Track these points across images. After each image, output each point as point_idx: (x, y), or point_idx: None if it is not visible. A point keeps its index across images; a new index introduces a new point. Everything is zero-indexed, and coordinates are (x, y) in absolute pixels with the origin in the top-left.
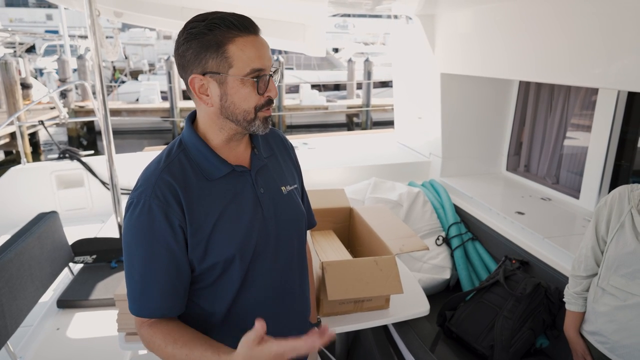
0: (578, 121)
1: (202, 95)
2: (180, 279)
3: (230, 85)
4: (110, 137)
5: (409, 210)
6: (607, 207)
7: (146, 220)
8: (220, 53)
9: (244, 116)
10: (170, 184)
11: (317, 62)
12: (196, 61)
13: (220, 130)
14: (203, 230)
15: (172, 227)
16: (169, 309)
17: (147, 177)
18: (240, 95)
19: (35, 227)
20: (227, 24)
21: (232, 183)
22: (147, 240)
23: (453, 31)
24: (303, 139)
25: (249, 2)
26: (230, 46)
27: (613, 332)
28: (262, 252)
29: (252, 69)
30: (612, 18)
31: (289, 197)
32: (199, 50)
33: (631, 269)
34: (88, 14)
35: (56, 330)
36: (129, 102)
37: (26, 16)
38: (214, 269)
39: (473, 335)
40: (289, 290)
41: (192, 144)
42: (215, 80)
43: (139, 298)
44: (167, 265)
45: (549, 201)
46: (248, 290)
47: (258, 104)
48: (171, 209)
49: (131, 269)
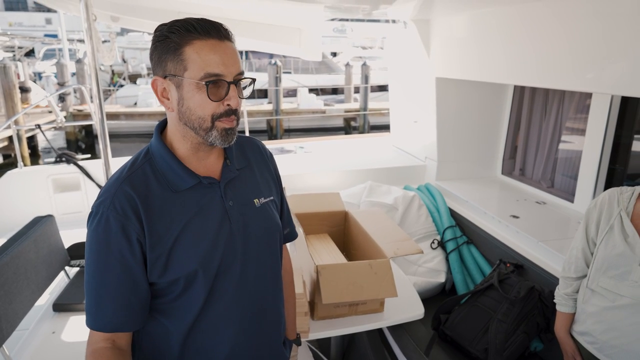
0: (572, 125)
1: (163, 99)
2: (136, 294)
3: (186, 89)
4: (106, 141)
5: (405, 214)
6: (597, 210)
7: (103, 232)
8: (177, 55)
9: (199, 123)
10: (130, 195)
11: (315, 66)
12: (159, 64)
13: (184, 138)
14: (163, 244)
15: (129, 241)
16: (122, 324)
17: (108, 188)
18: (195, 101)
19: (31, 230)
20: (187, 27)
21: (198, 195)
22: (102, 252)
23: (448, 36)
24: (299, 142)
25: (243, 7)
26: (186, 48)
27: (602, 332)
28: (229, 267)
29: (206, 73)
30: (606, 23)
31: (262, 210)
32: (160, 53)
33: (620, 271)
34: (85, 18)
35: (52, 334)
36: (127, 106)
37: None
38: (176, 284)
39: (467, 339)
40: (260, 306)
41: (158, 154)
42: (174, 84)
43: (93, 311)
44: (122, 279)
45: (543, 205)
46: (213, 307)
47: (215, 113)
48: (129, 221)
49: (88, 280)
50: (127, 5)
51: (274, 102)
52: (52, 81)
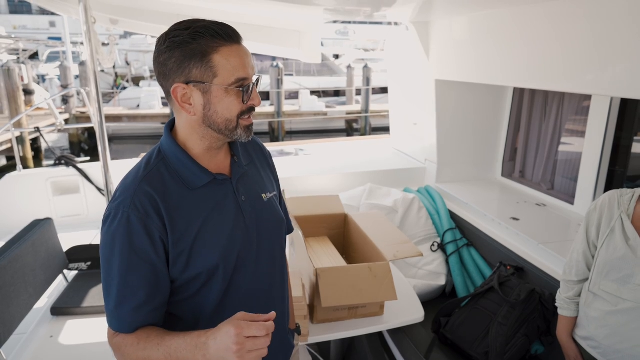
0: (572, 127)
1: (184, 104)
2: (159, 292)
3: (214, 95)
4: (105, 144)
5: (404, 217)
6: (597, 212)
7: (125, 232)
8: (205, 62)
9: (226, 125)
10: (150, 194)
11: (317, 68)
12: (179, 70)
13: (202, 139)
14: (185, 241)
15: (152, 239)
16: (144, 322)
17: (126, 188)
18: (224, 104)
19: (30, 233)
20: (211, 32)
21: (213, 192)
22: (125, 252)
23: (447, 38)
24: (299, 145)
25: (243, 9)
26: (215, 56)
27: (605, 337)
28: (245, 260)
29: (237, 79)
30: (604, 25)
31: (269, 204)
32: (182, 59)
33: (622, 274)
34: (84, 21)
35: (50, 338)
36: (130, 108)
37: (30, 23)
38: (197, 280)
39: (468, 342)
40: (271, 296)
41: (171, 153)
42: (199, 90)
43: (115, 312)
44: (146, 278)
45: (543, 207)
46: (231, 298)
47: (239, 112)
48: (151, 220)
49: (108, 282)
50: (126, 8)
51: (275, 104)
52: (56, 84)
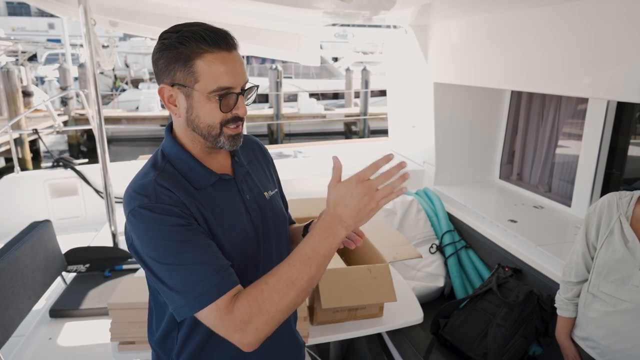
0: (569, 130)
1: (170, 105)
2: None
3: (195, 99)
4: (104, 146)
5: (403, 219)
6: (597, 214)
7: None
8: (187, 67)
9: (208, 130)
10: (169, 190)
11: (316, 71)
12: (166, 72)
13: (192, 141)
14: None
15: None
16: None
17: (144, 187)
18: (205, 110)
19: (28, 235)
20: (197, 38)
21: (219, 191)
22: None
23: (446, 41)
24: (298, 147)
25: (242, 12)
26: (198, 61)
27: (603, 337)
28: (253, 256)
29: (218, 87)
30: (601, 29)
31: (272, 202)
32: (168, 61)
33: (620, 275)
34: (83, 23)
35: (48, 340)
36: (129, 110)
37: (29, 25)
38: None
39: (467, 343)
40: None
41: (175, 155)
42: (182, 93)
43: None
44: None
45: (541, 209)
46: None
47: (223, 120)
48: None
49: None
50: (126, 10)
51: (274, 106)
52: (55, 85)
